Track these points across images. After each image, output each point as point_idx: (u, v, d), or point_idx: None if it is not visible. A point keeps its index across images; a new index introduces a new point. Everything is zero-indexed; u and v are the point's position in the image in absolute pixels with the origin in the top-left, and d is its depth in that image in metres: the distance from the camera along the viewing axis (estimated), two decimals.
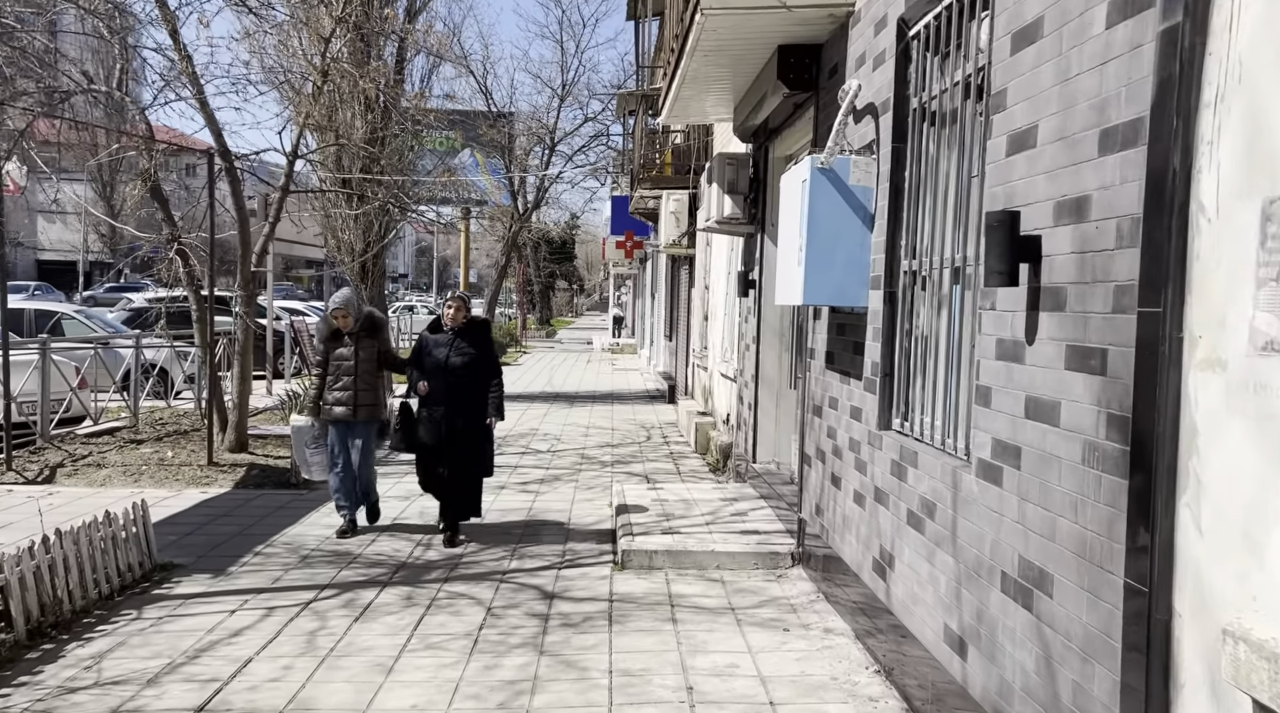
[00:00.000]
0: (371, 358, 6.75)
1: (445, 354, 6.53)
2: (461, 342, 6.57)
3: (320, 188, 10.55)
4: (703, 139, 12.87)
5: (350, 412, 6.70)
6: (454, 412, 6.52)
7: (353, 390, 6.70)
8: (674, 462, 10.23)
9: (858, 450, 4.82)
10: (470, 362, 6.53)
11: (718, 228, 8.42)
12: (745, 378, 8.38)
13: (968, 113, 3.81)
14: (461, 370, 6.50)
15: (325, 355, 6.79)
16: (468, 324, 6.64)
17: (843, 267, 4.71)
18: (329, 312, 6.77)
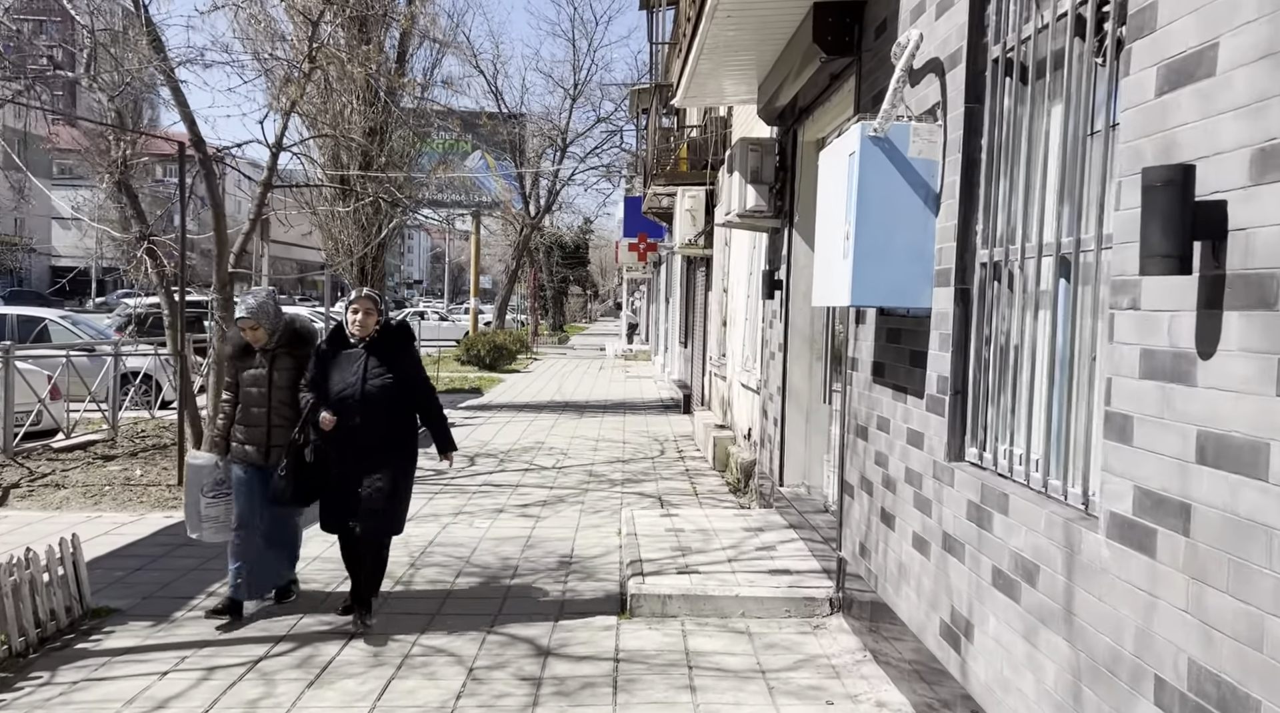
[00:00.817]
0: (292, 382, 5.09)
1: (352, 377, 4.83)
2: (375, 360, 4.87)
3: (306, 183, 9.73)
4: (720, 132, 12.01)
5: (261, 454, 5.09)
6: (364, 457, 4.85)
7: (265, 426, 5.08)
8: (690, 481, 9.34)
9: (918, 484, 3.93)
10: (387, 387, 4.85)
11: (739, 223, 7.55)
12: (770, 390, 7.50)
13: (1075, 54, 2.93)
14: (376, 399, 4.83)
15: (233, 378, 5.23)
16: (383, 334, 4.94)
17: (901, 259, 3.83)
18: (235, 320, 5.19)
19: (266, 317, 5.08)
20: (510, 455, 10.75)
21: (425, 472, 9.60)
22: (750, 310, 9.23)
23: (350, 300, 5.01)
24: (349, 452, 4.87)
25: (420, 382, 5.10)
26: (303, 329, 5.28)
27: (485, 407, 15.72)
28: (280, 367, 5.14)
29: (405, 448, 5.04)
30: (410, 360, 5.07)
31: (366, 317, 4.92)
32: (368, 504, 4.88)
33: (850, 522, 5.01)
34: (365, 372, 4.87)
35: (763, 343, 7.96)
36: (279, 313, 5.17)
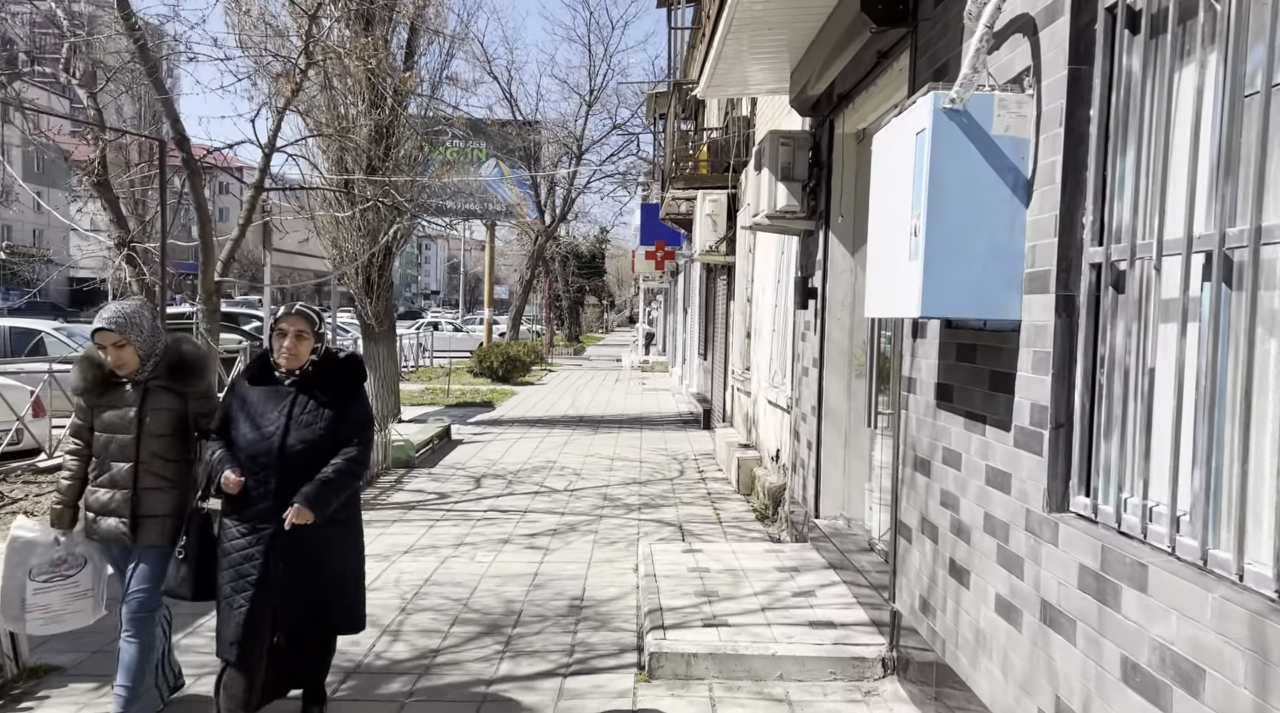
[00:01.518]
0: (174, 429, 3.76)
1: (271, 426, 3.59)
2: (307, 402, 3.63)
3: (301, 186, 9.11)
4: (743, 132, 11.32)
5: (126, 526, 3.71)
6: (291, 532, 3.54)
7: (131, 488, 3.70)
8: (713, 506, 8.61)
9: (1002, 536, 3.20)
10: (318, 443, 3.59)
11: (768, 225, 6.84)
12: (803, 410, 6.77)
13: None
14: (300, 458, 3.56)
15: (85, 421, 3.85)
16: (321, 368, 3.69)
17: (982, 260, 3.11)
18: (91, 334, 3.78)
19: (137, 332, 3.69)
20: (519, 476, 10.06)
21: (427, 496, 8.94)
22: (778, 321, 8.52)
23: (278, 318, 3.64)
24: (269, 528, 3.54)
25: (359, 431, 3.71)
26: (191, 356, 3.86)
27: (496, 422, 15.05)
28: (156, 406, 3.73)
29: (339, 522, 3.69)
30: (357, 409, 3.72)
31: (299, 342, 3.61)
32: (309, 610, 3.64)
33: (907, 569, 4.27)
34: (289, 419, 3.58)
35: (794, 357, 7.24)
36: (156, 330, 3.78)
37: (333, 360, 3.74)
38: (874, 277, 3.78)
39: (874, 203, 3.80)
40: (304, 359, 3.66)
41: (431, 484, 9.57)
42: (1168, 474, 2.41)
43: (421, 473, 10.24)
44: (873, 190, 3.81)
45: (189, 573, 3.63)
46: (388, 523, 7.74)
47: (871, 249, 3.84)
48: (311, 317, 3.71)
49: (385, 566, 6.42)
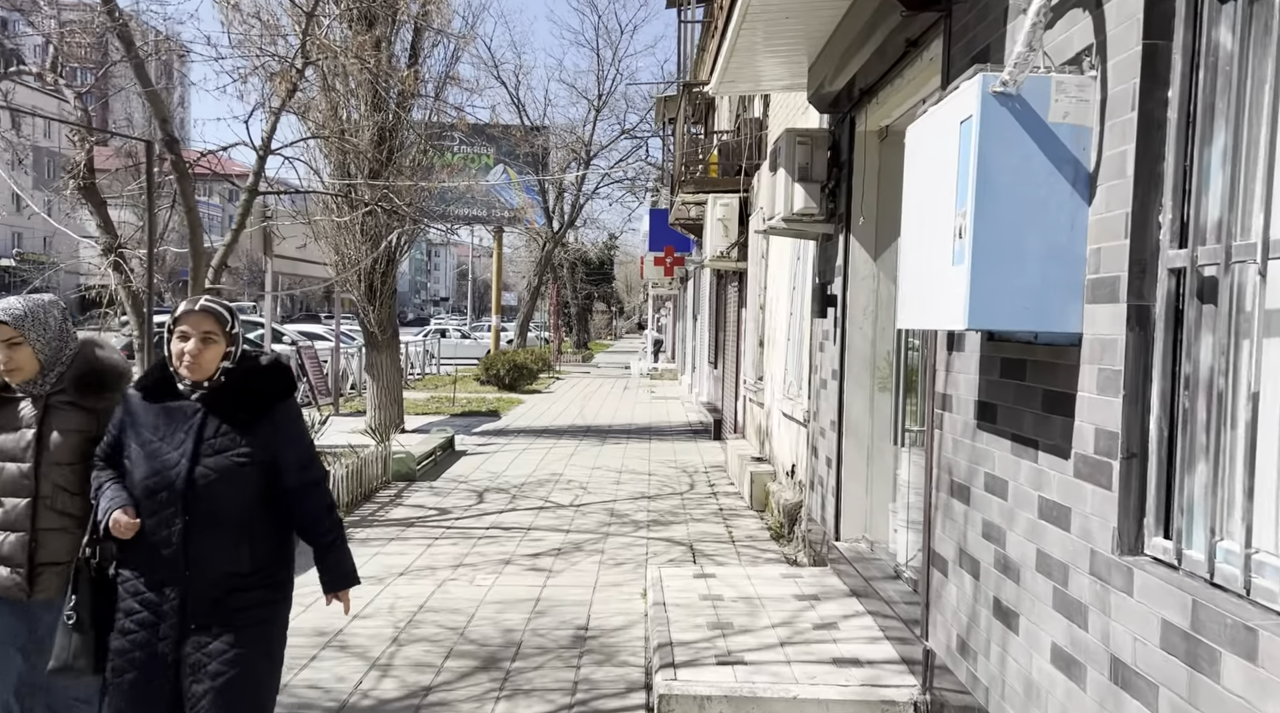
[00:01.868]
0: (81, 453, 2.97)
1: (174, 452, 2.75)
2: (218, 424, 2.78)
3: (298, 189, 8.79)
4: (754, 134, 10.96)
5: (21, 577, 2.93)
6: (190, 605, 2.74)
7: (28, 530, 2.94)
8: (725, 523, 8.23)
9: (1059, 578, 2.82)
10: (236, 474, 2.75)
11: (784, 229, 6.48)
12: (821, 424, 6.39)
13: None
14: (213, 494, 2.73)
15: None
16: (236, 379, 2.83)
17: (1039, 264, 2.74)
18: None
19: (39, 330, 2.97)
20: (523, 490, 9.70)
21: (428, 512, 8.58)
22: (793, 330, 8.14)
23: (175, 316, 2.78)
24: (174, 593, 2.72)
25: (302, 464, 2.86)
26: (106, 364, 3.11)
27: (501, 432, 14.70)
28: (61, 425, 2.98)
29: (270, 585, 2.83)
30: (287, 427, 2.86)
31: (205, 346, 2.74)
32: (198, 702, 2.72)
33: (942, 605, 3.89)
34: (198, 444, 2.73)
35: (811, 368, 6.86)
36: (65, 333, 3.05)
37: (253, 369, 2.85)
38: (907, 284, 3.40)
39: (908, 202, 3.43)
40: (213, 368, 2.77)
41: (432, 499, 9.22)
42: (1275, 520, 2.03)
43: (423, 486, 9.89)
44: (906, 188, 3.44)
45: (83, 644, 2.74)
46: (384, 541, 7.39)
47: (904, 253, 3.46)
48: (221, 313, 2.80)
49: (379, 589, 6.06)
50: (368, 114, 12.49)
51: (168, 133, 7.22)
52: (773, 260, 9.34)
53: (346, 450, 11.61)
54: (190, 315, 2.79)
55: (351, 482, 8.82)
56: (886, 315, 5.78)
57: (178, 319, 2.79)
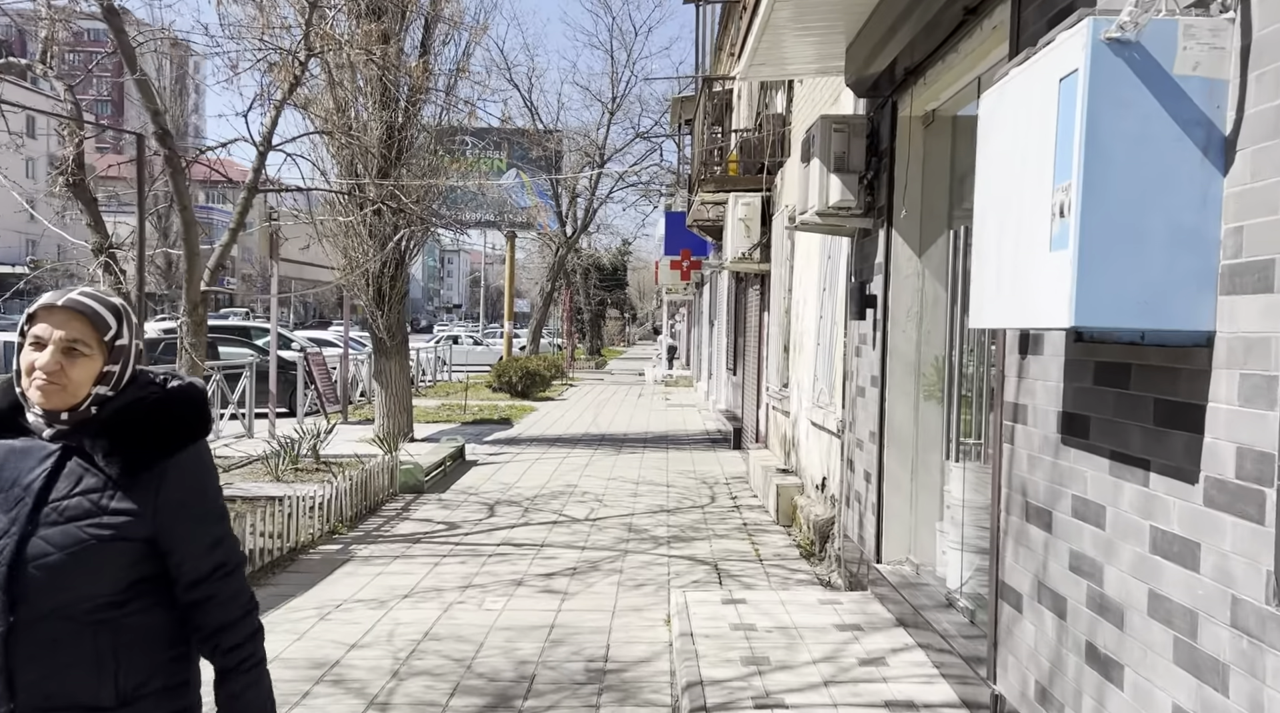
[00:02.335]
0: None
1: (9, 514, 1.74)
2: (85, 470, 1.78)
3: (298, 188, 8.38)
4: (777, 131, 10.50)
5: None
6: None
7: None
8: (750, 540, 7.74)
9: (1186, 628, 2.34)
10: (104, 546, 1.73)
11: (818, 224, 6.00)
12: (858, 435, 5.91)
13: None
14: (67, 580, 1.72)
15: None
16: (121, 408, 1.80)
17: (1163, 248, 2.26)
18: None
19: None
20: (536, 503, 9.24)
21: (435, 527, 8.13)
22: (823, 334, 7.66)
23: (30, 313, 1.78)
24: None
25: (208, 543, 1.84)
26: None
27: (514, 441, 14.25)
28: None
29: None
30: (187, 487, 1.82)
31: (69, 361, 1.75)
32: None
33: (1014, 644, 3.40)
34: (39, 506, 1.75)
35: (845, 375, 6.38)
36: None
37: (143, 400, 1.82)
38: (984, 277, 2.92)
39: (983, 181, 2.95)
40: (80, 394, 1.78)
41: (440, 512, 8.77)
42: None
43: (431, 499, 9.45)
44: (981, 165, 2.97)
45: None
46: (388, 560, 6.94)
47: (980, 242, 2.99)
48: (97, 314, 1.79)
49: (380, 614, 5.61)
50: (376, 112, 12.11)
51: (160, 126, 6.81)
52: (799, 260, 8.86)
53: (352, 460, 11.18)
54: (49, 314, 1.76)
55: (356, 495, 8.38)
56: (933, 316, 5.31)
57: (31, 317, 1.77)
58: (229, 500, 8.16)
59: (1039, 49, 2.58)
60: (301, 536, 7.17)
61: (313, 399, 16.43)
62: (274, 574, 6.50)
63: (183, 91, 45.34)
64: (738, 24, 10.01)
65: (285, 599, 5.89)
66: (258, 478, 10.17)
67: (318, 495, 7.58)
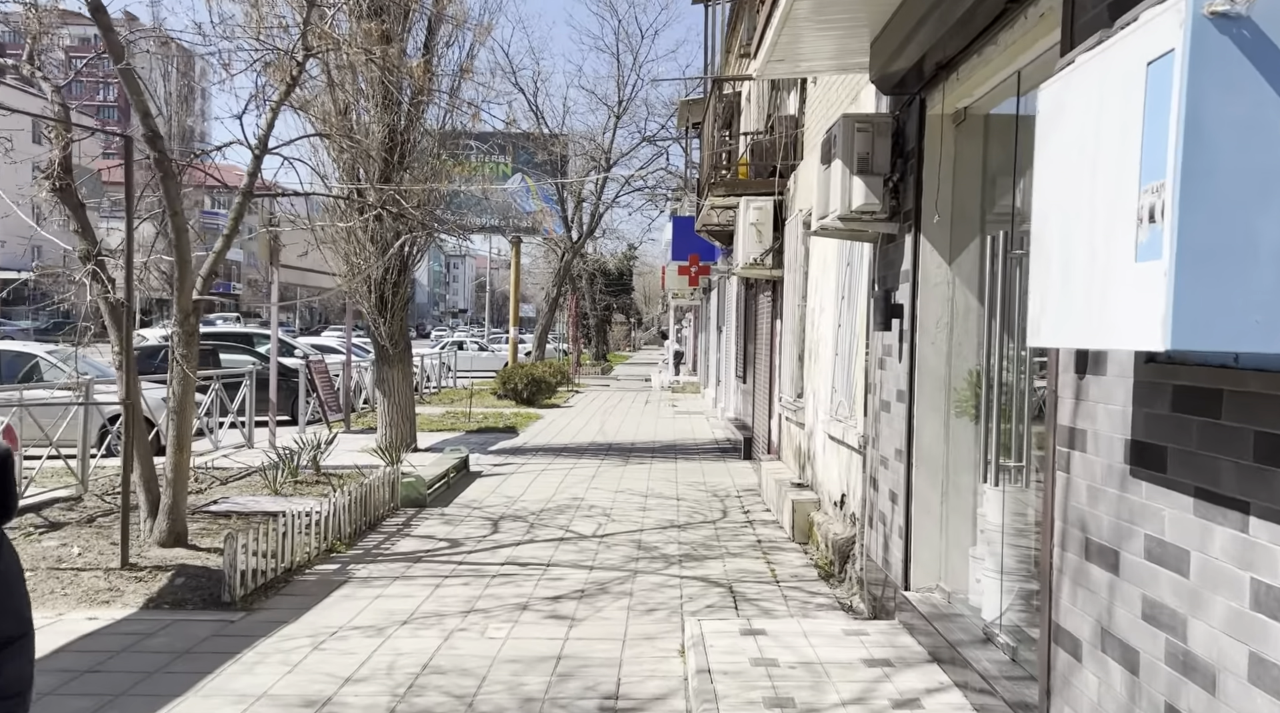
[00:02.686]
0: None
1: None
2: None
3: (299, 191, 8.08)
4: (790, 133, 10.19)
5: None
6: None
7: None
8: (765, 558, 7.41)
9: None
10: None
11: (839, 229, 5.69)
12: (883, 452, 5.58)
13: None
14: None
15: None
16: None
17: (1271, 258, 1.93)
18: None
19: None
20: (542, 518, 8.92)
21: (437, 544, 7.82)
22: (841, 344, 7.33)
23: None
24: None
25: None
26: None
27: (519, 450, 13.94)
28: None
29: None
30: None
31: None
32: None
33: (1073, 696, 3.07)
34: None
35: (868, 388, 6.05)
36: None
37: None
38: (1048, 289, 2.59)
39: (1046, 181, 2.62)
40: None
41: (443, 528, 8.45)
42: None
43: (433, 513, 9.13)
44: (1042, 164, 2.64)
45: None
46: (387, 581, 6.62)
47: (1040, 250, 2.66)
48: None
49: (378, 643, 5.28)
50: (378, 114, 11.82)
51: (150, 128, 6.52)
52: (815, 266, 8.53)
53: (353, 472, 10.88)
54: None
55: (355, 510, 8.07)
56: (964, 327, 4.98)
57: None
58: (224, 516, 7.80)
59: (1116, 31, 2.26)
60: (297, 555, 6.86)
61: (315, 408, 16.15)
62: (267, 597, 6.19)
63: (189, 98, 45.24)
64: (751, 20, 9.71)
65: (278, 626, 5.58)
66: (255, 491, 9.87)
67: (314, 513, 7.27)
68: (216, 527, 8.04)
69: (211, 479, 10.51)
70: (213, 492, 9.84)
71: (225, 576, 6.04)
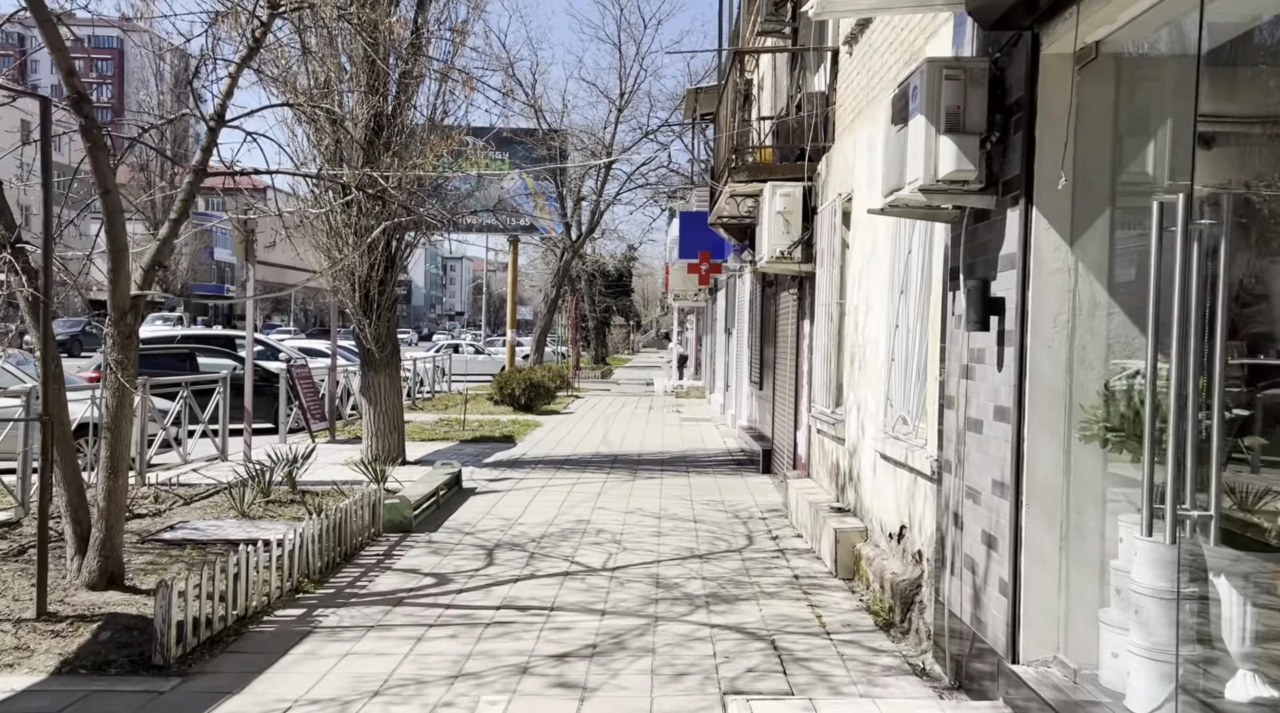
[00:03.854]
0: None
1: None
2: None
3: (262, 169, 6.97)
4: (820, 111, 9.10)
5: None
6: None
7: None
8: (808, 600, 6.30)
9: None
10: None
11: (918, 206, 4.60)
12: (971, 481, 4.48)
13: None
14: None
15: None
16: None
17: None
18: None
19: None
20: (543, 546, 7.81)
21: (422, 581, 6.71)
22: (898, 347, 6.24)
23: None
24: None
25: None
26: None
27: (517, 463, 12.83)
28: None
29: None
30: None
31: None
32: None
33: None
34: None
35: (944, 402, 4.95)
36: None
37: None
38: None
39: None
40: None
41: (430, 559, 7.34)
42: None
43: (420, 540, 8.02)
44: None
45: None
46: (360, 632, 5.51)
47: None
48: None
49: None
50: (362, 97, 10.73)
51: (75, 89, 5.40)
52: (857, 258, 7.44)
53: (332, 490, 9.78)
54: None
55: (328, 539, 6.96)
56: (1090, 327, 3.90)
57: None
58: (178, 545, 6.64)
59: None
60: (254, 600, 5.74)
61: (297, 415, 15.03)
62: (212, 655, 5.08)
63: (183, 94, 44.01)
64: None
65: (217, 699, 4.47)
66: (221, 513, 8.76)
67: (281, 544, 6.17)
68: (168, 559, 6.94)
69: (175, 499, 9.40)
70: (174, 514, 8.73)
71: (157, 631, 4.92)
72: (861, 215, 7.28)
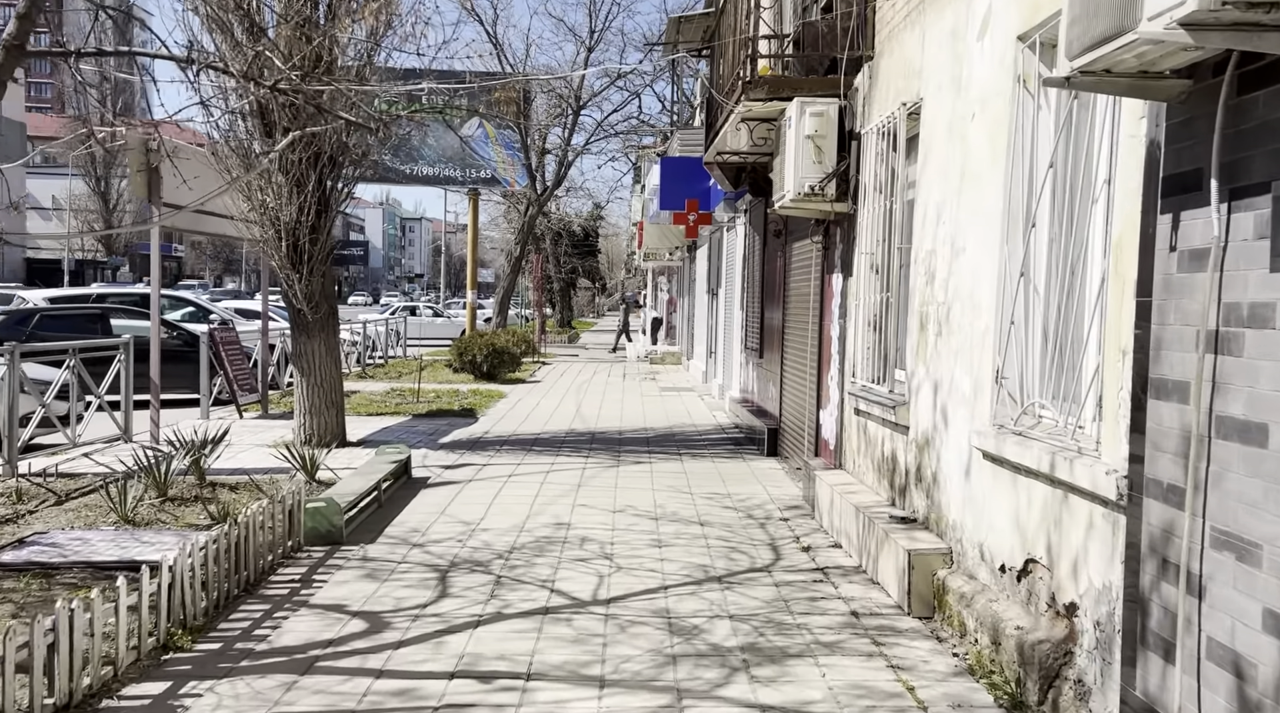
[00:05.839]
0: None
1: None
2: None
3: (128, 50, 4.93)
4: (859, 10, 7.22)
5: None
6: None
7: None
8: (883, 655, 4.54)
9: None
10: None
11: (1129, 71, 2.77)
12: (1228, 524, 2.72)
13: None
14: None
15: None
16: None
17: None
18: None
19: None
20: (513, 564, 5.98)
21: (347, 628, 4.83)
22: (1018, 310, 4.43)
23: None
24: None
25: None
26: None
27: (479, 443, 10.94)
28: None
29: None
30: None
31: None
32: None
33: None
34: None
35: (1151, 389, 3.17)
36: None
37: None
38: None
39: None
40: None
41: (361, 588, 5.48)
42: None
43: (352, 556, 6.16)
44: None
45: None
46: None
47: None
48: None
49: None
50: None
51: None
52: (936, 184, 5.61)
53: (245, 483, 7.85)
54: None
55: (220, 565, 5.07)
56: None
57: None
58: (18, 571, 4.37)
59: None
60: (85, 678, 3.86)
61: (222, 385, 13.00)
62: None
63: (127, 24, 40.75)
64: None
65: None
66: (97, 517, 6.82)
67: (148, 581, 4.29)
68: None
69: (47, 495, 7.43)
70: (38, 518, 6.80)
71: None
72: (939, 129, 5.45)
